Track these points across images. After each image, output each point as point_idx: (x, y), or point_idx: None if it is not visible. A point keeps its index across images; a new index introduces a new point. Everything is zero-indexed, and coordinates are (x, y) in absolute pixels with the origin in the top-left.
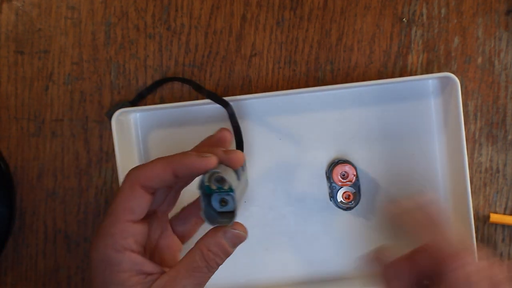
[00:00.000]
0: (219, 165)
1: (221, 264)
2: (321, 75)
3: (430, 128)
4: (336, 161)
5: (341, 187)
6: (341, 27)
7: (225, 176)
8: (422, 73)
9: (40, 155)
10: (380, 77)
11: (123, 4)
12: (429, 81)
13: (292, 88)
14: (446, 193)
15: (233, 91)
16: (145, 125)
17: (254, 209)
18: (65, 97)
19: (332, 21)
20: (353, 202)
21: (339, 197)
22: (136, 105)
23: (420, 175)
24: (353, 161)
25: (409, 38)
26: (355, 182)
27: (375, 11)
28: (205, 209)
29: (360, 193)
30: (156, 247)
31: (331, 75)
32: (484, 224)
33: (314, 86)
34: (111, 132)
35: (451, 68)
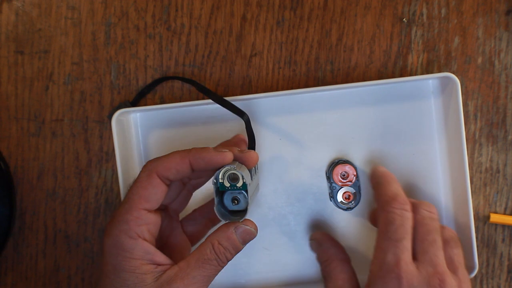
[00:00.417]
0: (234, 162)
1: (230, 259)
2: (321, 75)
3: (430, 128)
4: (336, 161)
5: (341, 187)
6: (341, 27)
7: (238, 172)
8: (422, 73)
9: (40, 155)
10: (380, 77)
11: (123, 4)
12: (429, 81)
13: (292, 88)
14: (446, 193)
15: (233, 91)
16: (145, 125)
17: (254, 209)
18: (65, 97)
19: (332, 21)
20: (353, 202)
21: (339, 197)
22: (138, 101)
23: (420, 175)
24: (353, 161)
25: (409, 38)
26: (355, 182)
27: (375, 11)
28: (217, 205)
29: (360, 193)
30: (166, 244)
31: (331, 75)
32: (484, 224)
33: (314, 86)
34: (111, 132)
35: (451, 68)
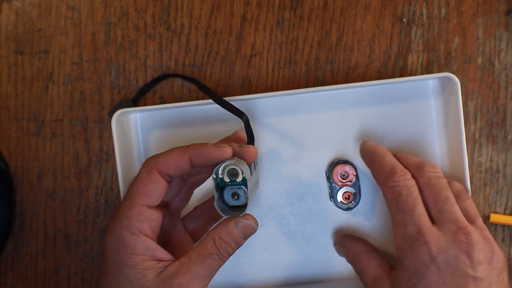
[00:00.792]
0: (234, 157)
1: (231, 253)
2: (321, 75)
3: (430, 128)
4: (336, 161)
5: (341, 187)
6: (341, 27)
7: (238, 167)
8: (422, 73)
9: (40, 155)
10: (380, 77)
11: (123, 4)
12: (429, 81)
13: (292, 88)
14: None
15: (233, 91)
16: (145, 125)
17: (254, 209)
18: (65, 97)
19: (332, 21)
20: (353, 202)
21: (339, 197)
22: (139, 99)
23: None
24: (353, 161)
25: (409, 38)
26: (355, 182)
27: (375, 11)
28: (217, 200)
29: (360, 193)
30: (168, 241)
31: (331, 75)
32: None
33: (314, 86)
34: (111, 132)
35: (451, 68)
